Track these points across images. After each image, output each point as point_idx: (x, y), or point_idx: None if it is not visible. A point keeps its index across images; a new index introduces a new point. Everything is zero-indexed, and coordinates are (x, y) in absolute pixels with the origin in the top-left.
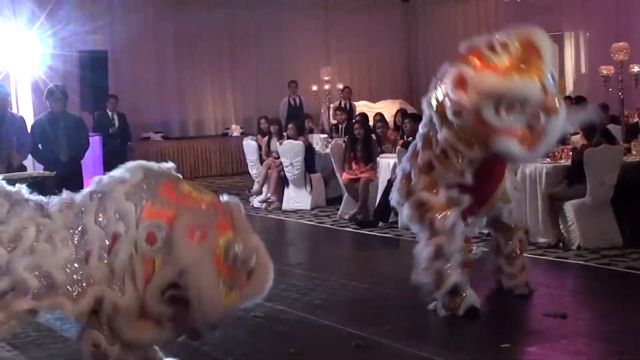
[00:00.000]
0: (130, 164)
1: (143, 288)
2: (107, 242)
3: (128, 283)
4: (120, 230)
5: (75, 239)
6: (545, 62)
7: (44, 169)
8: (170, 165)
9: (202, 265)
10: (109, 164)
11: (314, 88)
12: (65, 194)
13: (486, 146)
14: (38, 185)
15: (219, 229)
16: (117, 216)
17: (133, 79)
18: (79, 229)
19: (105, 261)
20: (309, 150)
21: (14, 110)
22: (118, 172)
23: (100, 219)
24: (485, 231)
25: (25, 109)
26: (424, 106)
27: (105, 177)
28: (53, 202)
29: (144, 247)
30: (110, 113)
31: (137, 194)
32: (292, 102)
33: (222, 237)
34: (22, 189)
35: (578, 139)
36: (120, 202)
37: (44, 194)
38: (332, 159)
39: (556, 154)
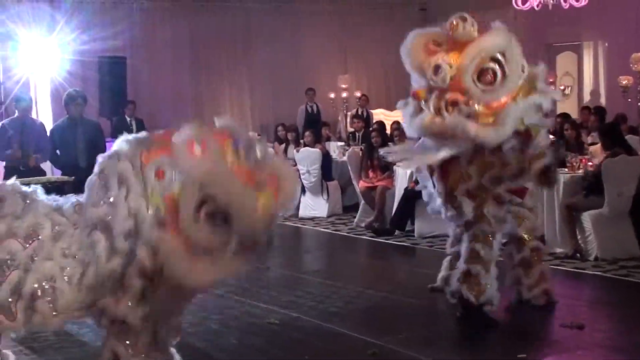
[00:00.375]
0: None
1: (177, 224)
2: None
3: (158, 229)
4: (121, 194)
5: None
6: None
7: (62, 174)
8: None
9: (216, 171)
10: None
11: (332, 96)
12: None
13: None
14: (56, 189)
15: (217, 139)
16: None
17: (151, 85)
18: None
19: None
20: (326, 157)
21: (34, 116)
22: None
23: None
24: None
25: (45, 115)
26: None
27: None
28: (68, 202)
29: (157, 186)
30: (128, 118)
31: (132, 155)
32: (309, 109)
33: (224, 143)
34: (37, 190)
35: (596, 149)
36: (119, 168)
37: None
38: (349, 167)
39: (574, 164)
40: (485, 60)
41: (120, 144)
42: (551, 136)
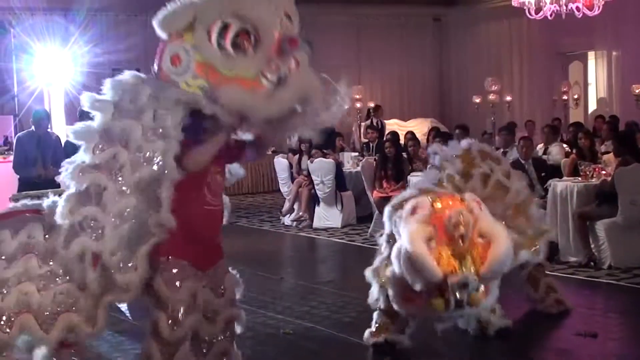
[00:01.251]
0: None
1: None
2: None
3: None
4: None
5: None
6: None
7: None
8: None
9: None
10: None
11: (345, 106)
12: None
13: None
14: None
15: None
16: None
17: None
18: None
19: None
20: (340, 168)
21: (49, 128)
22: None
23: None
24: None
25: (59, 127)
26: None
27: None
28: None
29: (172, 70)
30: None
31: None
32: None
33: None
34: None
35: (609, 158)
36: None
37: None
38: (363, 177)
39: (587, 172)
40: None
41: None
42: (565, 145)
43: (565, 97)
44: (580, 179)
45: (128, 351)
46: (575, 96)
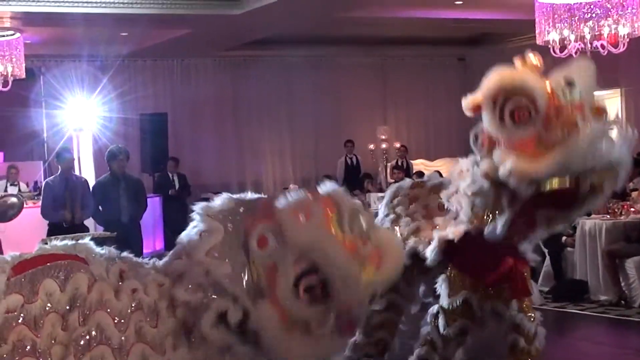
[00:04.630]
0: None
1: (275, 294)
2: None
3: (257, 299)
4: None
5: None
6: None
7: (105, 230)
8: None
9: (320, 239)
10: (168, 225)
11: (371, 147)
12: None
13: None
14: (99, 244)
15: (323, 206)
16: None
17: (192, 141)
18: None
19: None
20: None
21: (77, 172)
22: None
23: None
24: None
25: (88, 171)
26: None
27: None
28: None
29: (259, 255)
30: (170, 175)
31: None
32: (348, 161)
33: (329, 211)
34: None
35: (638, 195)
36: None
37: None
38: None
39: (616, 210)
40: None
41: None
42: None
43: None
44: (608, 216)
45: None
46: None
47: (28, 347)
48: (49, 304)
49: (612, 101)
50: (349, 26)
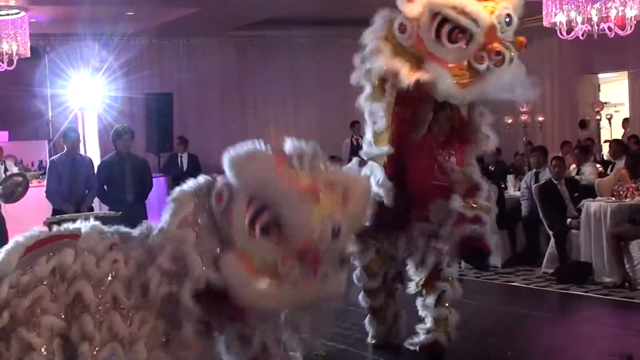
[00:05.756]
0: None
1: (235, 244)
2: None
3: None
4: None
5: None
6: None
7: (110, 209)
8: None
9: (266, 178)
10: None
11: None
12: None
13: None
14: (104, 224)
15: (272, 152)
16: None
17: (198, 121)
18: None
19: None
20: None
21: (82, 152)
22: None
23: None
24: None
25: (93, 151)
26: None
27: None
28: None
29: (217, 211)
30: (179, 155)
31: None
32: (354, 142)
33: (281, 155)
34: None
35: None
36: None
37: None
38: None
39: (621, 192)
40: None
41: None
42: (598, 165)
43: (597, 117)
44: (613, 198)
45: None
46: (608, 116)
47: (22, 317)
48: (35, 277)
49: (619, 83)
50: (356, 7)
